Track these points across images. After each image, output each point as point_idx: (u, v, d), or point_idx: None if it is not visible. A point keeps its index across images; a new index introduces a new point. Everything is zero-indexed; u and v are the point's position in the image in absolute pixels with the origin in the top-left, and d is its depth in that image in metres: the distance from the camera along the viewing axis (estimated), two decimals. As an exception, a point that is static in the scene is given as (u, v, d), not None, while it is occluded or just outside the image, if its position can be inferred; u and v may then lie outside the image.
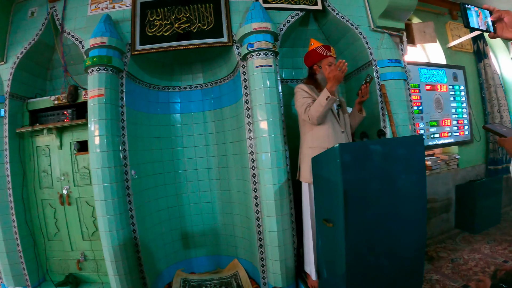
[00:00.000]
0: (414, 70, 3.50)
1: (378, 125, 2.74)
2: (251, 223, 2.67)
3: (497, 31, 1.18)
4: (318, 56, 2.43)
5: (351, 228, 1.74)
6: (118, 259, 2.34)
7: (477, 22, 1.21)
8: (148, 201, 2.77)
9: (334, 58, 2.44)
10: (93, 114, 2.37)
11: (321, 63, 2.42)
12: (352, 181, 1.74)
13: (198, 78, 3.13)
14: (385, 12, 2.76)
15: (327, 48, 2.44)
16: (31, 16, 2.83)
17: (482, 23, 1.21)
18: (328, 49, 2.43)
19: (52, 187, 2.87)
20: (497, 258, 2.81)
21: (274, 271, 2.44)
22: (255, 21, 2.45)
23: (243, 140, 2.67)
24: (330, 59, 2.40)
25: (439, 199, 3.55)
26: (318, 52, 2.43)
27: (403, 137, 2.50)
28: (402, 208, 1.88)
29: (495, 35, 1.20)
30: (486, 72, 4.12)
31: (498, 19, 1.16)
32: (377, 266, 1.88)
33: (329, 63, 2.39)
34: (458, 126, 3.86)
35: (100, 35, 2.41)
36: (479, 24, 1.21)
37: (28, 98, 2.87)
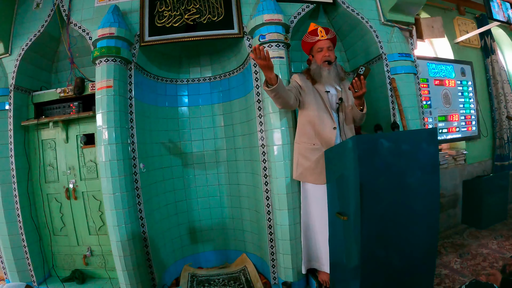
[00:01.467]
0: (423, 65, 3.48)
1: (388, 118, 2.72)
2: (260, 217, 2.65)
3: None
4: (308, 45, 2.34)
5: (365, 222, 1.72)
6: (127, 254, 2.31)
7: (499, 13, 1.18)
8: (156, 195, 2.74)
9: (326, 41, 2.26)
10: (101, 106, 2.33)
11: (312, 51, 2.33)
12: (367, 174, 1.73)
13: (206, 71, 3.10)
14: (395, 6, 2.74)
15: (313, 33, 2.29)
16: (37, 7, 2.78)
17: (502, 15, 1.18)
18: (314, 34, 2.28)
19: (58, 181, 2.84)
20: (505, 254, 2.80)
21: (285, 266, 2.42)
22: (266, 12, 2.42)
23: (253, 133, 2.64)
24: (319, 44, 2.26)
25: (447, 195, 3.55)
26: (305, 41, 2.34)
27: (417, 130, 2.49)
28: (415, 202, 1.87)
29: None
30: (493, 68, 4.11)
31: None
32: (390, 259, 1.87)
33: (318, 49, 2.26)
34: (465, 122, 3.85)
35: (109, 26, 2.36)
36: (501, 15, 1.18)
37: (33, 91, 2.83)
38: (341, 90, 2.31)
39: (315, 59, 2.30)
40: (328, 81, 2.24)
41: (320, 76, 2.24)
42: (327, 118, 2.21)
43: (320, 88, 2.28)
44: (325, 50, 2.25)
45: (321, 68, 2.23)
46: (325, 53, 2.25)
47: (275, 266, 2.52)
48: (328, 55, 2.24)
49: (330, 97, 2.28)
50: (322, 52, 2.25)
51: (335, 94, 2.30)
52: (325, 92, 2.27)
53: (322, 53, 2.25)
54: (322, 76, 2.23)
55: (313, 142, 2.22)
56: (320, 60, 2.25)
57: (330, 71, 2.23)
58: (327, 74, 2.22)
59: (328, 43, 2.27)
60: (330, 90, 2.29)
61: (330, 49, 2.28)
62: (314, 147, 2.21)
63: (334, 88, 2.30)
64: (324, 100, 2.24)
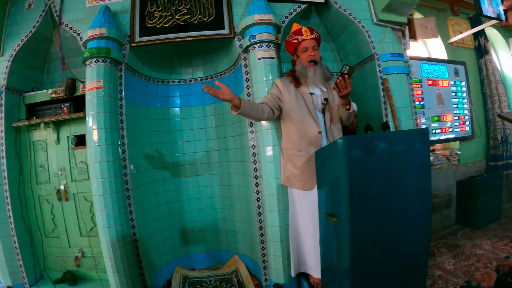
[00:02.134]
0: (416, 65, 3.49)
1: (380, 119, 2.71)
2: (252, 218, 2.64)
3: (509, 20, 1.15)
4: (292, 45, 2.28)
5: (356, 223, 1.72)
6: (117, 256, 2.30)
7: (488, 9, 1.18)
8: (147, 196, 2.73)
9: (311, 41, 2.21)
10: (91, 107, 2.32)
11: (297, 51, 2.27)
12: (357, 175, 1.72)
13: (198, 71, 3.09)
14: (387, 6, 2.74)
15: (297, 32, 2.23)
16: (28, 7, 2.78)
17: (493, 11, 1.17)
18: (299, 34, 2.22)
19: (49, 183, 2.83)
20: (499, 254, 2.80)
21: (276, 267, 2.41)
22: (257, 12, 2.41)
23: (244, 134, 2.63)
24: (304, 44, 2.20)
25: (440, 195, 3.55)
26: (290, 41, 2.28)
27: (408, 130, 2.48)
28: (407, 202, 1.87)
29: (507, 24, 1.17)
30: (487, 68, 4.11)
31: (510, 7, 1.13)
32: (381, 260, 1.86)
33: (303, 49, 2.21)
34: (459, 122, 3.86)
35: (99, 26, 2.35)
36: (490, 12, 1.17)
37: (24, 92, 2.82)
38: (327, 90, 2.28)
39: (299, 60, 2.25)
40: (314, 81, 2.20)
41: (305, 76, 2.19)
42: (311, 122, 2.19)
43: (304, 90, 2.25)
44: (310, 49, 2.20)
45: (307, 69, 2.19)
46: (310, 52, 2.20)
47: (266, 267, 2.51)
48: (313, 54, 2.20)
49: (315, 99, 2.24)
50: (307, 52, 2.21)
51: (320, 95, 2.26)
52: (309, 94, 2.23)
53: (307, 52, 2.20)
54: (307, 76, 2.19)
55: (298, 148, 2.20)
56: (305, 60, 2.20)
57: (316, 71, 2.19)
58: (313, 74, 2.18)
59: (313, 43, 2.22)
60: (314, 92, 2.25)
61: (315, 48, 2.24)
62: (299, 154, 2.18)
63: (319, 89, 2.26)
64: (307, 104, 2.21)
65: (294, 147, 2.21)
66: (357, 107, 2.43)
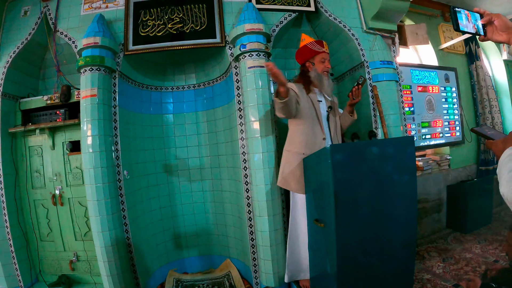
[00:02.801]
0: (406, 72, 3.52)
1: (370, 126, 2.76)
2: (243, 223, 2.68)
3: (487, 34, 1.19)
4: (311, 53, 2.35)
5: (342, 228, 1.76)
6: (111, 260, 2.34)
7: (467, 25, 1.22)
8: (140, 201, 2.77)
9: (327, 54, 2.36)
10: (86, 114, 2.37)
11: (314, 59, 2.35)
12: (343, 182, 1.76)
13: (191, 79, 3.13)
14: (377, 14, 2.79)
15: (319, 43, 2.36)
16: (24, 15, 2.81)
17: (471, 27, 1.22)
18: (321, 45, 2.35)
19: (44, 187, 2.86)
20: (488, 258, 2.83)
21: (266, 271, 2.45)
22: (248, 22, 2.46)
23: (235, 141, 2.67)
24: (323, 55, 2.33)
25: (431, 199, 3.58)
26: (311, 48, 2.35)
27: (394, 138, 2.52)
28: (393, 208, 1.91)
29: (485, 38, 1.21)
30: (478, 73, 4.17)
31: (489, 22, 1.17)
32: (368, 265, 1.90)
33: (322, 59, 2.32)
34: (449, 127, 3.90)
35: (93, 35, 2.40)
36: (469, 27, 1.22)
37: (20, 98, 2.85)
38: (330, 100, 2.41)
39: (315, 67, 2.34)
40: (327, 89, 2.33)
41: (321, 83, 2.30)
42: (318, 129, 2.28)
43: (313, 97, 2.33)
44: (327, 62, 2.35)
45: (323, 77, 2.31)
46: (328, 64, 2.34)
47: (257, 271, 2.55)
48: (330, 67, 2.36)
49: (322, 106, 2.35)
50: (325, 63, 2.33)
51: (325, 103, 2.38)
52: (318, 102, 2.33)
53: (325, 64, 2.33)
54: (323, 83, 2.30)
55: (302, 151, 2.25)
56: (322, 69, 2.31)
57: (330, 81, 2.34)
58: (328, 82, 2.32)
59: (328, 56, 2.38)
60: (321, 100, 2.37)
61: (329, 61, 2.38)
62: (303, 156, 2.24)
63: (324, 98, 2.39)
64: (317, 110, 2.30)
65: (298, 149, 2.27)
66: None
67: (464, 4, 4.00)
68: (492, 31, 1.17)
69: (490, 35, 1.18)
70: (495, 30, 1.16)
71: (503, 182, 0.73)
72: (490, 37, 1.19)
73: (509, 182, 0.67)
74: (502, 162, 0.75)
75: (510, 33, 1.10)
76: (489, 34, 1.19)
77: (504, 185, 0.68)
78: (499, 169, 0.76)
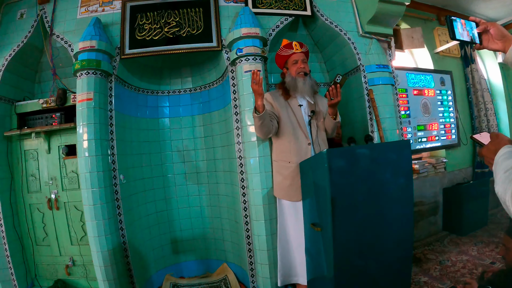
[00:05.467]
0: (401, 75, 3.54)
1: (366, 129, 2.77)
2: (239, 227, 2.68)
3: (483, 43, 1.20)
4: (282, 59, 2.36)
5: (339, 232, 1.76)
6: (107, 264, 2.33)
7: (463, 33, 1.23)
8: (137, 206, 2.76)
9: (300, 54, 2.29)
10: (82, 118, 2.36)
11: (287, 64, 2.34)
12: (340, 186, 1.77)
13: (187, 82, 3.14)
14: (373, 18, 2.80)
15: (288, 46, 2.32)
16: (20, 17, 2.81)
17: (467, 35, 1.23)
18: (289, 47, 2.31)
19: (40, 192, 2.84)
20: (485, 260, 2.85)
21: (263, 275, 2.45)
22: (244, 26, 2.47)
23: (231, 145, 2.68)
24: (293, 57, 2.29)
25: (427, 202, 3.60)
26: (280, 54, 2.36)
27: (390, 142, 2.54)
28: (390, 212, 1.92)
29: (481, 47, 1.22)
30: (473, 76, 4.20)
31: (484, 30, 1.18)
32: (365, 269, 1.91)
33: (293, 61, 2.29)
34: (445, 130, 3.92)
35: (90, 39, 2.40)
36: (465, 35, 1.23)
37: (16, 101, 2.84)
38: (313, 103, 2.35)
39: (289, 72, 2.31)
40: (304, 92, 2.26)
41: (295, 87, 2.25)
42: (301, 134, 2.26)
43: (293, 102, 2.32)
44: (300, 62, 2.28)
45: (297, 80, 2.25)
46: (300, 65, 2.28)
47: (254, 275, 2.55)
48: (303, 66, 2.28)
49: (304, 111, 2.31)
50: (297, 64, 2.28)
51: (307, 107, 2.33)
52: (298, 107, 2.30)
53: (298, 65, 2.28)
54: (297, 87, 2.25)
55: (288, 160, 2.25)
56: (295, 72, 2.27)
57: (306, 82, 2.25)
58: (302, 85, 2.24)
59: (302, 56, 2.31)
60: (302, 104, 2.33)
61: (305, 61, 2.33)
62: (290, 165, 2.24)
63: (307, 101, 2.34)
64: (297, 116, 2.28)
65: (284, 158, 2.27)
66: (343, 118, 2.49)
67: (459, 8, 4.05)
68: (487, 40, 1.18)
69: (485, 44, 1.20)
70: (490, 38, 1.17)
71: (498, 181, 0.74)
72: (485, 45, 1.20)
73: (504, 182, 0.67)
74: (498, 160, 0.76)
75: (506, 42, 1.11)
76: (484, 43, 1.20)
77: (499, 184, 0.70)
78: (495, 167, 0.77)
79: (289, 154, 2.25)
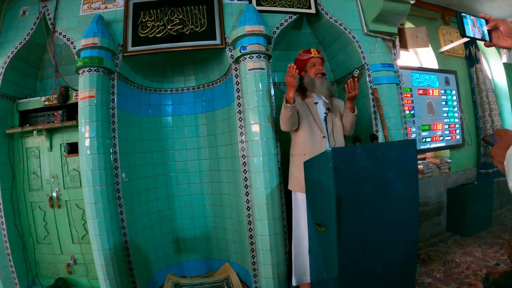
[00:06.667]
0: (406, 75, 3.53)
1: (370, 129, 2.75)
2: (242, 226, 2.66)
3: (493, 40, 1.19)
4: (301, 62, 2.49)
5: (343, 232, 1.74)
6: (109, 263, 2.32)
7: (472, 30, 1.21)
8: (139, 204, 2.75)
9: (318, 58, 2.46)
10: (84, 116, 2.35)
11: (306, 67, 2.48)
12: (345, 185, 1.74)
13: (190, 80, 3.12)
14: (378, 17, 2.78)
15: (307, 52, 2.50)
16: (23, 15, 2.79)
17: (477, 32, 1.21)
18: (308, 52, 2.49)
19: (41, 189, 2.83)
20: (489, 261, 2.82)
21: (266, 276, 2.43)
22: (248, 23, 2.45)
23: (234, 143, 2.66)
24: (312, 60, 2.45)
25: (431, 203, 3.58)
26: (299, 58, 2.51)
27: (396, 142, 2.51)
28: (394, 212, 1.89)
29: (491, 44, 1.21)
30: (477, 76, 4.17)
31: (494, 28, 1.17)
32: (369, 269, 1.88)
33: (312, 64, 2.45)
34: (449, 130, 3.90)
35: (92, 36, 2.38)
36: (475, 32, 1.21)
37: (18, 99, 2.83)
38: (329, 102, 2.46)
39: (308, 74, 2.45)
40: (320, 91, 2.41)
41: (313, 86, 2.40)
42: (316, 129, 2.36)
43: (309, 101, 2.44)
44: (318, 64, 2.44)
45: (315, 80, 2.40)
46: (318, 67, 2.44)
47: (256, 275, 2.53)
48: (321, 68, 2.44)
49: (319, 108, 2.42)
50: (315, 66, 2.43)
51: (323, 105, 2.44)
52: (314, 104, 2.42)
53: (316, 67, 2.43)
54: (315, 86, 2.39)
55: (304, 152, 2.33)
56: (314, 73, 2.42)
57: (323, 82, 2.41)
58: (320, 84, 2.39)
59: (319, 60, 2.47)
60: (318, 102, 2.43)
61: (322, 65, 2.48)
62: (305, 157, 2.27)
63: (323, 100, 2.44)
64: (312, 112, 2.39)
65: (300, 150, 2.36)
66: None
67: (464, 7, 4.02)
68: (497, 37, 1.17)
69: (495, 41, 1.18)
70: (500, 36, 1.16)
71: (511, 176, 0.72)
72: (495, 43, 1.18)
73: None
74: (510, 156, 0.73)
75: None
76: (494, 40, 1.18)
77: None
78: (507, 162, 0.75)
79: (304, 146, 2.34)
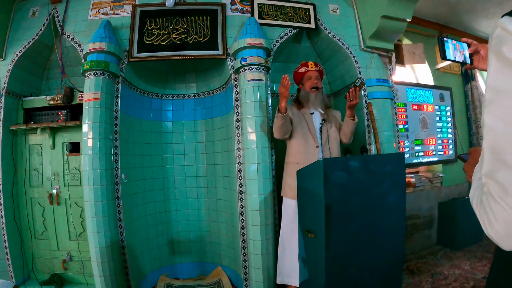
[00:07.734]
0: (401, 90, 3.61)
1: (363, 142, 2.83)
2: (235, 231, 2.72)
3: (474, 63, 1.25)
4: (298, 76, 2.57)
5: (331, 239, 1.80)
6: (104, 260, 2.38)
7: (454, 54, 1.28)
8: (136, 205, 2.81)
9: (314, 72, 2.52)
10: (88, 117, 2.43)
11: (303, 80, 2.56)
12: (334, 194, 1.81)
13: (191, 88, 3.20)
14: (375, 33, 2.87)
15: (304, 65, 2.56)
16: (32, 15, 2.87)
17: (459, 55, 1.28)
18: (305, 65, 2.54)
19: (42, 186, 2.89)
20: (477, 274, 2.87)
21: (257, 279, 2.49)
22: (249, 36, 2.54)
23: (231, 151, 2.73)
24: (308, 73, 2.51)
25: (422, 216, 3.63)
26: (297, 71, 2.59)
27: (385, 155, 2.59)
28: (383, 223, 1.95)
29: (471, 66, 1.27)
30: (473, 93, 4.26)
31: (475, 51, 1.23)
32: (357, 277, 1.94)
33: (308, 77, 2.51)
34: (442, 145, 3.97)
35: (99, 41, 2.47)
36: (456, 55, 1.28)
37: (23, 96, 2.89)
38: (324, 113, 2.51)
39: (304, 87, 2.53)
40: (315, 104, 2.47)
41: (307, 100, 2.47)
42: (310, 138, 2.42)
43: (305, 111, 2.51)
44: (313, 78, 2.50)
45: (309, 94, 2.47)
46: (313, 80, 2.50)
47: (247, 279, 2.58)
48: (315, 82, 2.50)
49: (314, 118, 2.48)
50: (311, 80, 2.50)
51: (319, 116, 2.50)
52: (310, 114, 2.49)
53: (311, 81, 2.50)
54: (309, 100, 2.47)
55: (297, 160, 2.39)
56: (309, 87, 2.49)
57: (317, 96, 2.47)
58: (314, 98, 2.46)
59: (316, 73, 2.53)
60: (314, 112, 2.49)
61: (318, 78, 2.54)
62: (298, 166, 2.33)
63: (318, 112, 2.50)
64: (308, 122, 2.46)
65: (294, 159, 2.42)
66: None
67: (461, 25, 4.12)
68: (478, 60, 1.23)
69: (476, 64, 1.25)
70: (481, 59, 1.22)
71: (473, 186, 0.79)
72: (476, 65, 1.25)
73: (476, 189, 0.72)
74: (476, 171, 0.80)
75: None
76: (475, 63, 1.25)
77: (472, 191, 0.74)
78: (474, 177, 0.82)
79: (298, 155, 2.41)
